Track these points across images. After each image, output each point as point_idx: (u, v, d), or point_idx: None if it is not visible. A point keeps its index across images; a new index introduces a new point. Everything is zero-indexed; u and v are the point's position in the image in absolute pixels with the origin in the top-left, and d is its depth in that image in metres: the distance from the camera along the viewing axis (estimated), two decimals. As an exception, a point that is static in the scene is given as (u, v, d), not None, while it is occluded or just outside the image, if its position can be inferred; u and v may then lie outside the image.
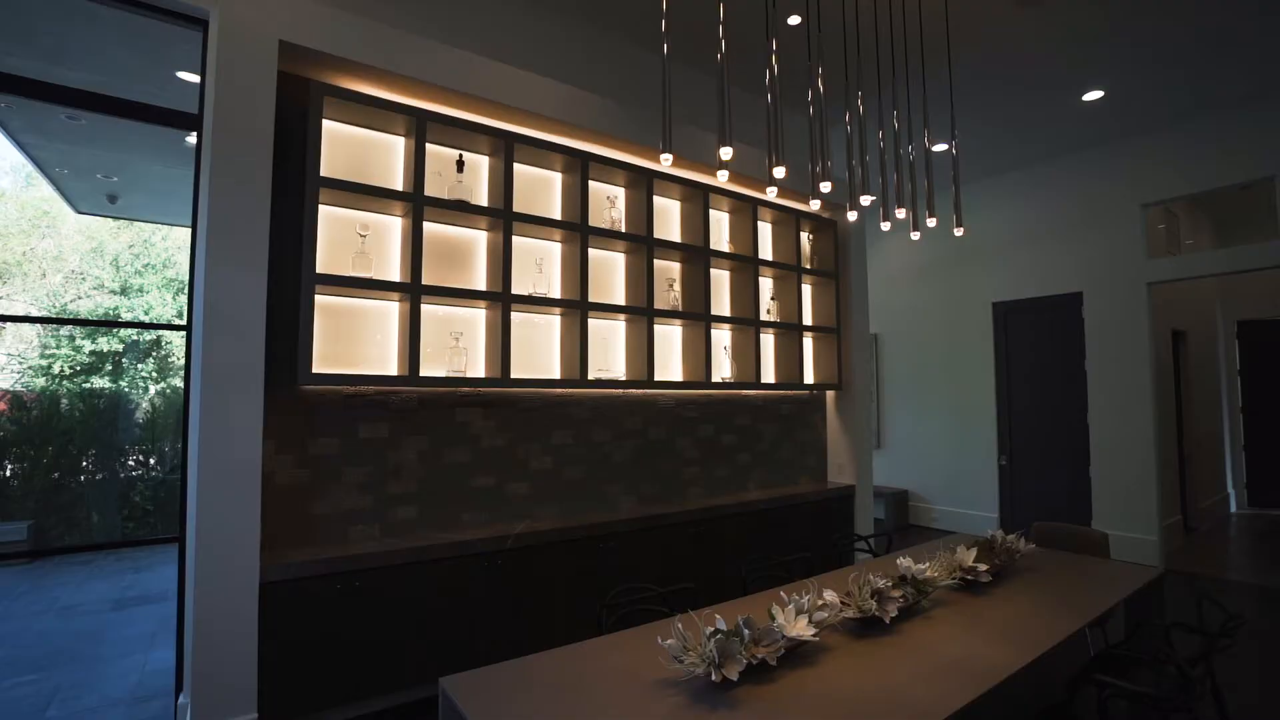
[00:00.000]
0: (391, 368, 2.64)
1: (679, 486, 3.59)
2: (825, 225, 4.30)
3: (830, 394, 4.44)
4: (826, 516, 4.00)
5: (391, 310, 2.68)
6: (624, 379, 3.29)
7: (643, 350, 3.23)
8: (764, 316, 3.95)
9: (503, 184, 2.82)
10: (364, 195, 2.50)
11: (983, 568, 2.14)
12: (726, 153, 2.07)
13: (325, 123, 2.58)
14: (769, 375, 4.11)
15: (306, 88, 2.41)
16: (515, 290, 2.94)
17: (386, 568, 2.36)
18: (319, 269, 2.49)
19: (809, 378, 4.34)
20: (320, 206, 2.53)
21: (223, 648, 2.03)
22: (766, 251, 4.16)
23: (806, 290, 4.38)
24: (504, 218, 2.79)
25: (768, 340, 4.13)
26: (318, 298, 2.50)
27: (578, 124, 2.98)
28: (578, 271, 3.02)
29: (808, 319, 4.35)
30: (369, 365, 2.61)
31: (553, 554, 2.76)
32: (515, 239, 3.05)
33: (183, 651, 2.25)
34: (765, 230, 4.18)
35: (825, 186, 2.45)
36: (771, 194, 2.31)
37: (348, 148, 2.64)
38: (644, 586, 2.14)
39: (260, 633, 2.10)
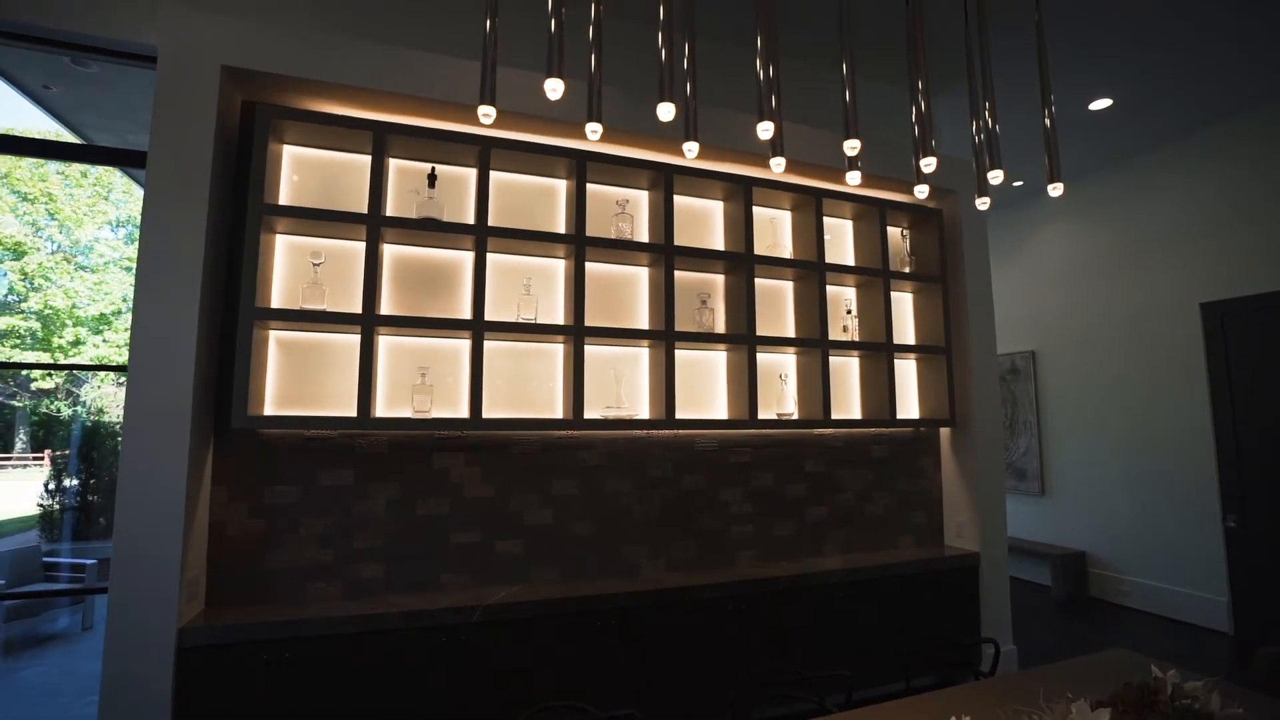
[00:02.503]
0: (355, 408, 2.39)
1: (725, 549, 2.91)
2: (926, 216, 3.39)
3: (945, 432, 3.46)
4: (937, 593, 3.04)
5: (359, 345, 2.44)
6: (643, 418, 2.74)
7: (662, 382, 2.67)
8: (839, 335, 3.16)
9: (482, 196, 2.48)
10: (320, 221, 2.30)
11: (1117, 748, 1.25)
12: (852, 146, 1.50)
13: (293, 149, 2.44)
14: (852, 409, 3.28)
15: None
16: (503, 317, 2.57)
17: (327, 638, 2.05)
18: (277, 303, 2.33)
19: (910, 411, 3.42)
20: (283, 236, 2.38)
21: (131, 723, 1.84)
22: (845, 255, 3.37)
23: (906, 301, 3.48)
24: (476, 233, 2.44)
25: (849, 366, 3.31)
26: (276, 333, 2.33)
27: (570, 119, 2.56)
28: (576, 291, 2.57)
29: (908, 337, 3.44)
30: (334, 405, 2.37)
31: (534, 632, 2.28)
32: (511, 259, 2.69)
33: None
34: (844, 229, 3.40)
35: (996, 176, 1.72)
36: (922, 192, 1.71)
37: (319, 173, 2.47)
38: (576, 706, 1.58)
39: (174, 710, 1.88)
